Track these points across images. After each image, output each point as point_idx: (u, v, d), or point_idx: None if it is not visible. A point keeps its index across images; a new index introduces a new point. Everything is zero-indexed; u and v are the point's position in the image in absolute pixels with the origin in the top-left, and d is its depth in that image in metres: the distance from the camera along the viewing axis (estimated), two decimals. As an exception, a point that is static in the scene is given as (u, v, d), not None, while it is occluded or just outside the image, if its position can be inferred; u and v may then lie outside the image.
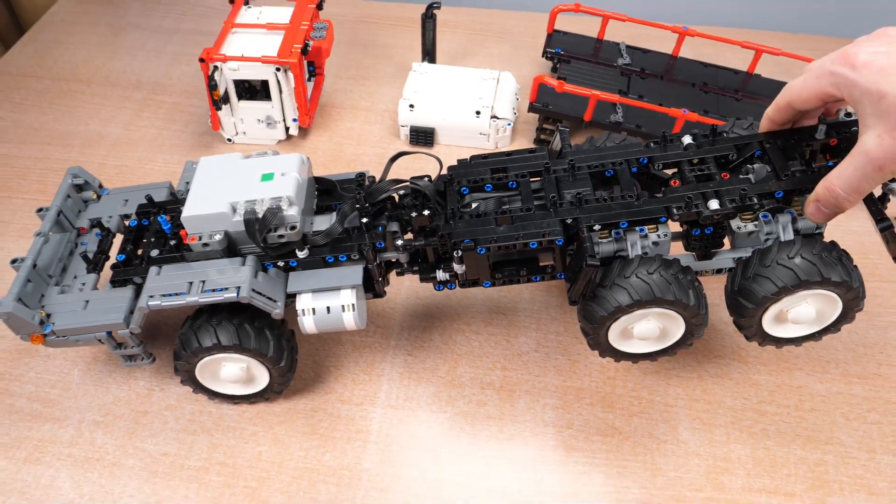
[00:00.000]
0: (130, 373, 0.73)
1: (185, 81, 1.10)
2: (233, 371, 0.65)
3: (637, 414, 0.70)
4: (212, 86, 0.88)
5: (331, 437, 0.69)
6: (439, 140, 0.99)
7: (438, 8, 0.99)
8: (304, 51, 0.90)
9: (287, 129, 0.97)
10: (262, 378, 0.67)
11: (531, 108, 0.94)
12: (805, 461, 0.66)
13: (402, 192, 0.66)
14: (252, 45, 0.90)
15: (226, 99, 0.92)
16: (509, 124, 0.96)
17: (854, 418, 0.69)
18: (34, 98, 1.07)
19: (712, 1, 1.24)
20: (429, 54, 1.04)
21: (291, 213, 0.62)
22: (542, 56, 1.05)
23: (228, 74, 0.89)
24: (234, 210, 0.62)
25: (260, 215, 0.61)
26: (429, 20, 1.00)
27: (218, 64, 0.88)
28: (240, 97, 0.93)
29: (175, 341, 0.64)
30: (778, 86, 1.02)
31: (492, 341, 0.76)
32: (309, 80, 1.00)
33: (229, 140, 0.98)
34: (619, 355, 0.64)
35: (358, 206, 0.64)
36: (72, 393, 0.72)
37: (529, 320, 0.78)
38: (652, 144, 0.64)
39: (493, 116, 0.95)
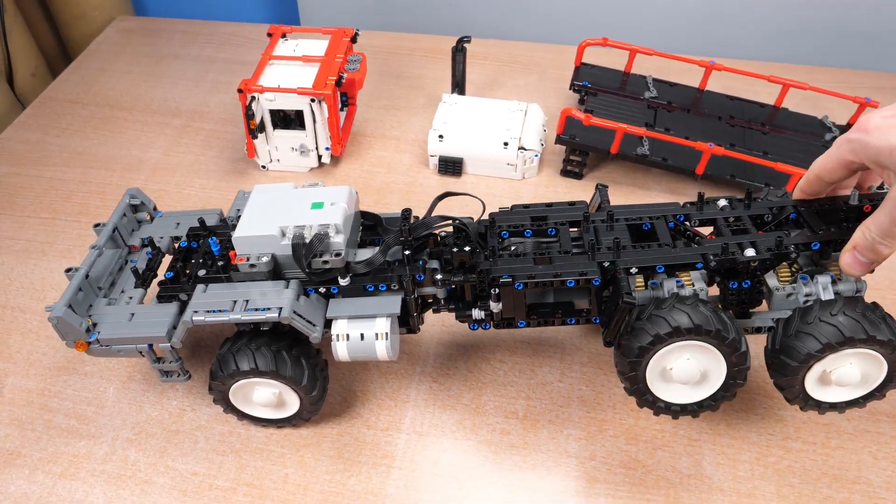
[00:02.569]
0: (163, 393, 0.75)
1: (222, 109, 1.13)
2: (265, 395, 0.66)
3: (661, 447, 0.70)
4: (249, 115, 0.91)
5: (356, 461, 0.70)
6: (467, 170, 1.01)
7: (469, 41, 1.01)
8: (339, 83, 0.93)
9: (320, 157, 1.00)
10: (292, 404, 0.68)
11: (558, 140, 0.96)
12: (831, 500, 0.66)
13: (443, 233, 0.68)
14: (288, 77, 0.93)
15: (261, 127, 0.95)
16: (536, 155, 0.98)
17: (882, 457, 0.68)
18: (79, 123, 1.11)
19: (739, 35, 1.25)
20: (458, 86, 1.06)
21: (337, 240, 0.64)
22: (570, 89, 1.06)
23: (265, 104, 0.92)
24: (283, 234, 0.64)
25: (307, 240, 0.63)
26: (459, 53, 1.02)
27: (255, 94, 0.91)
28: (275, 126, 0.96)
29: (213, 361, 0.66)
30: (804, 119, 1.03)
31: (516, 370, 0.77)
32: (342, 110, 1.03)
33: (264, 167, 1.01)
34: (658, 404, 0.61)
35: (402, 238, 0.65)
36: (107, 411, 0.74)
37: (554, 350, 0.78)
38: (688, 205, 0.66)
39: (521, 147, 0.97)
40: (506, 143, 0.97)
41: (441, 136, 0.98)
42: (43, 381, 0.77)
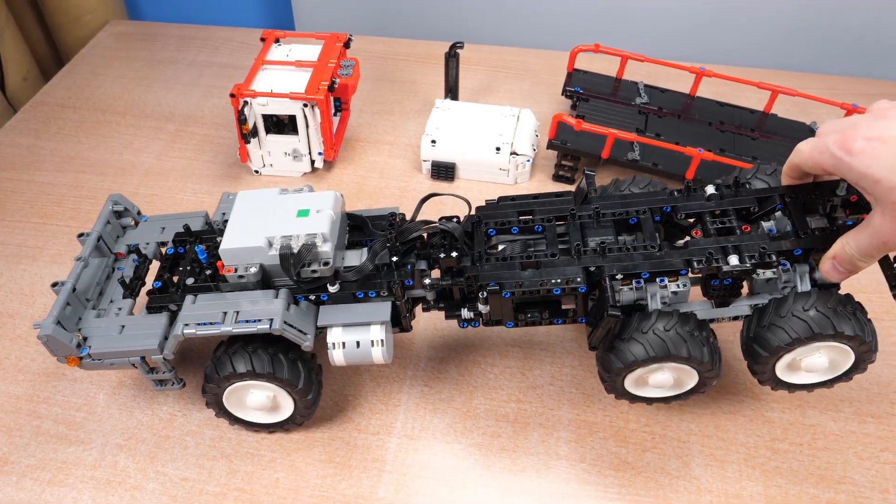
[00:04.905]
0: (154, 398, 0.75)
1: (215, 113, 1.14)
2: (259, 399, 0.66)
3: (650, 449, 0.70)
4: (241, 120, 0.91)
5: (347, 465, 0.70)
6: (460, 175, 1.01)
7: (461, 47, 1.02)
8: (331, 88, 0.93)
9: (313, 162, 1.00)
10: (286, 408, 0.68)
11: (550, 145, 0.96)
12: (817, 500, 0.66)
13: (431, 230, 0.68)
14: (281, 82, 0.94)
15: (254, 132, 0.95)
16: (528, 160, 0.98)
17: (867, 457, 0.69)
18: (71, 128, 1.11)
19: (730, 41, 1.26)
20: (451, 91, 1.07)
21: (325, 249, 0.63)
22: (562, 94, 1.07)
23: (257, 109, 0.93)
24: (271, 245, 0.63)
25: (295, 251, 0.62)
26: (452, 59, 1.03)
27: (248, 99, 0.91)
28: (268, 131, 0.96)
29: (207, 365, 0.66)
30: (793, 125, 1.03)
31: (507, 374, 0.77)
32: (335, 115, 1.03)
33: (257, 172, 1.01)
34: (635, 398, 0.67)
35: (388, 244, 0.65)
36: (97, 416, 0.74)
37: (544, 353, 0.79)
38: (675, 193, 0.66)
39: (513, 153, 0.97)
40: (498, 149, 0.97)
41: (434, 141, 0.99)
42: (32, 387, 0.77)
